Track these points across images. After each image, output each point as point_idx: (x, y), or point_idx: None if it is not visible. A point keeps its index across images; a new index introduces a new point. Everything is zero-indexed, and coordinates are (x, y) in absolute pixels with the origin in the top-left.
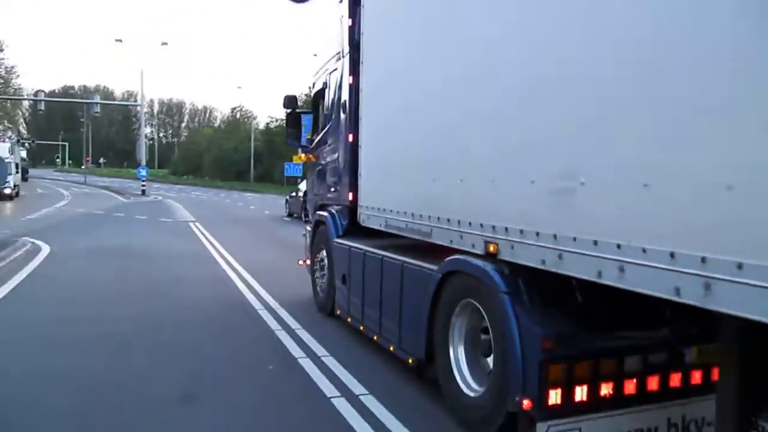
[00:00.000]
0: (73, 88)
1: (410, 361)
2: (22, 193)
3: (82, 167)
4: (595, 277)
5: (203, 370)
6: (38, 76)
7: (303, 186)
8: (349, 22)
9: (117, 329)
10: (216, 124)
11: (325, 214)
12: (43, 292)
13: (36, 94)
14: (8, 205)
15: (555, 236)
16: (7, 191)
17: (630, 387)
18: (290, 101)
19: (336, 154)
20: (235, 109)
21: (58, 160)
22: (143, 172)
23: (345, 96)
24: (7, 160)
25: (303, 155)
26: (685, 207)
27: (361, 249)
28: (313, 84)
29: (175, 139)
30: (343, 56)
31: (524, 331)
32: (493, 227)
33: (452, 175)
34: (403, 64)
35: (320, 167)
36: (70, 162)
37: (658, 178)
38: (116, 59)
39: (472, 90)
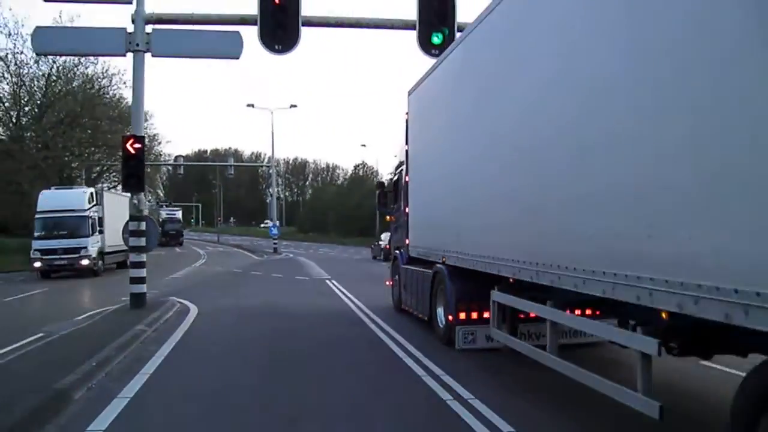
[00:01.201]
0: (206, 152)
1: (426, 319)
2: (160, 253)
3: (217, 226)
4: (479, 268)
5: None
6: (174, 143)
7: (384, 237)
8: (406, 147)
9: (279, 396)
10: (339, 182)
11: (397, 252)
12: (199, 356)
13: (176, 159)
14: (152, 265)
15: (458, 252)
16: (85, 262)
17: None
18: (380, 185)
19: (402, 218)
20: (358, 166)
21: (192, 220)
22: (275, 231)
23: (404, 186)
24: (86, 213)
25: (388, 217)
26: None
27: (410, 269)
28: (394, 174)
29: (300, 198)
30: (405, 163)
31: (451, 291)
32: (444, 250)
33: (434, 232)
34: (424, 175)
35: (396, 225)
36: (203, 222)
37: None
38: (246, 123)
39: (457, 197)
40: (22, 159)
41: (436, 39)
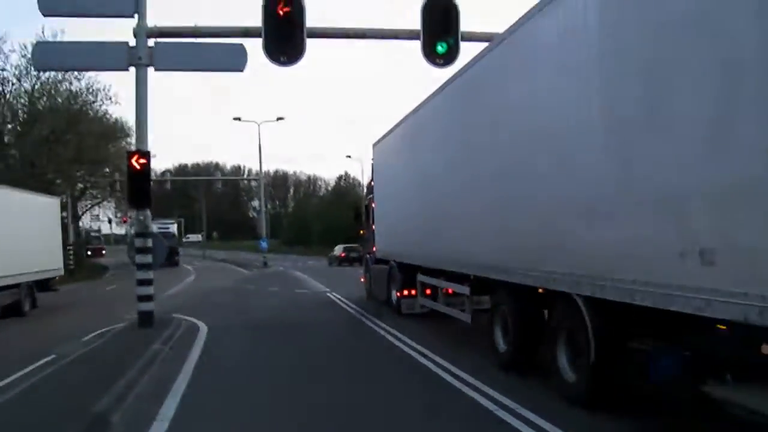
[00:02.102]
0: (186, 166)
1: (385, 299)
2: None
3: (202, 242)
4: (412, 262)
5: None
6: (157, 158)
7: (336, 249)
8: (372, 182)
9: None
10: (321, 193)
11: (368, 256)
12: (224, 373)
13: (163, 174)
14: None
15: (401, 254)
16: None
17: (430, 293)
18: (356, 209)
19: (370, 232)
20: (341, 177)
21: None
22: (264, 245)
23: (372, 210)
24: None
25: (361, 231)
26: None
27: (376, 267)
28: (365, 198)
29: (282, 210)
30: (371, 192)
31: (398, 278)
32: (395, 253)
33: (390, 242)
34: (384, 203)
35: (366, 237)
36: (187, 237)
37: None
38: (227, 135)
39: (400, 220)
40: (9, 177)
41: (441, 48)
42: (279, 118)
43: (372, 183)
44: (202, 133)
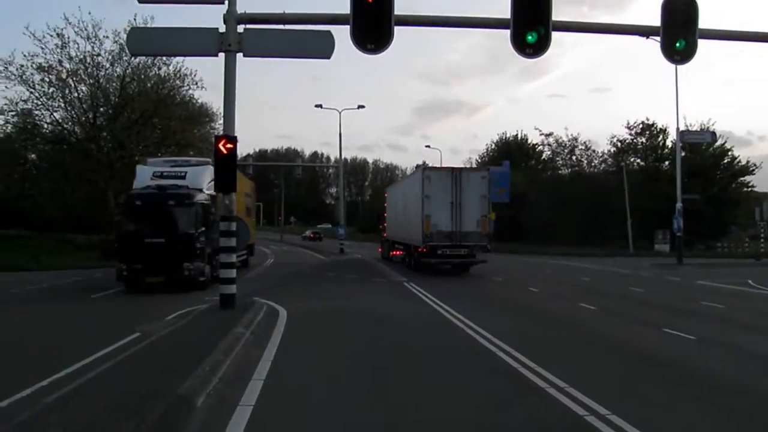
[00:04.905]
0: (266, 152)
1: (386, 256)
2: None
3: (279, 226)
4: (395, 239)
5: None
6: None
7: (307, 232)
8: (386, 204)
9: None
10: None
11: (383, 237)
12: (305, 361)
13: (245, 159)
14: None
15: (392, 236)
16: None
17: (398, 253)
18: (377, 216)
19: (385, 226)
20: (419, 166)
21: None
22: (341, 231)
23: (385, 216)
24: None
25: (380, 226)
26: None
27: (386, 242)
28: (384, 207)
29: (360, 198)
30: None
31: (390, 246)
32: (391, 235)
33: (390, 230)
34: (389, 213)
35: (383, 228)
36: (264, 221)
37: (407, 230)
38: (307, 123)
39: (394, 221)
40: (99, 158)
41: (531, 38)
42: (360, 106)
43: (386, 205)
44: (282, 119)
